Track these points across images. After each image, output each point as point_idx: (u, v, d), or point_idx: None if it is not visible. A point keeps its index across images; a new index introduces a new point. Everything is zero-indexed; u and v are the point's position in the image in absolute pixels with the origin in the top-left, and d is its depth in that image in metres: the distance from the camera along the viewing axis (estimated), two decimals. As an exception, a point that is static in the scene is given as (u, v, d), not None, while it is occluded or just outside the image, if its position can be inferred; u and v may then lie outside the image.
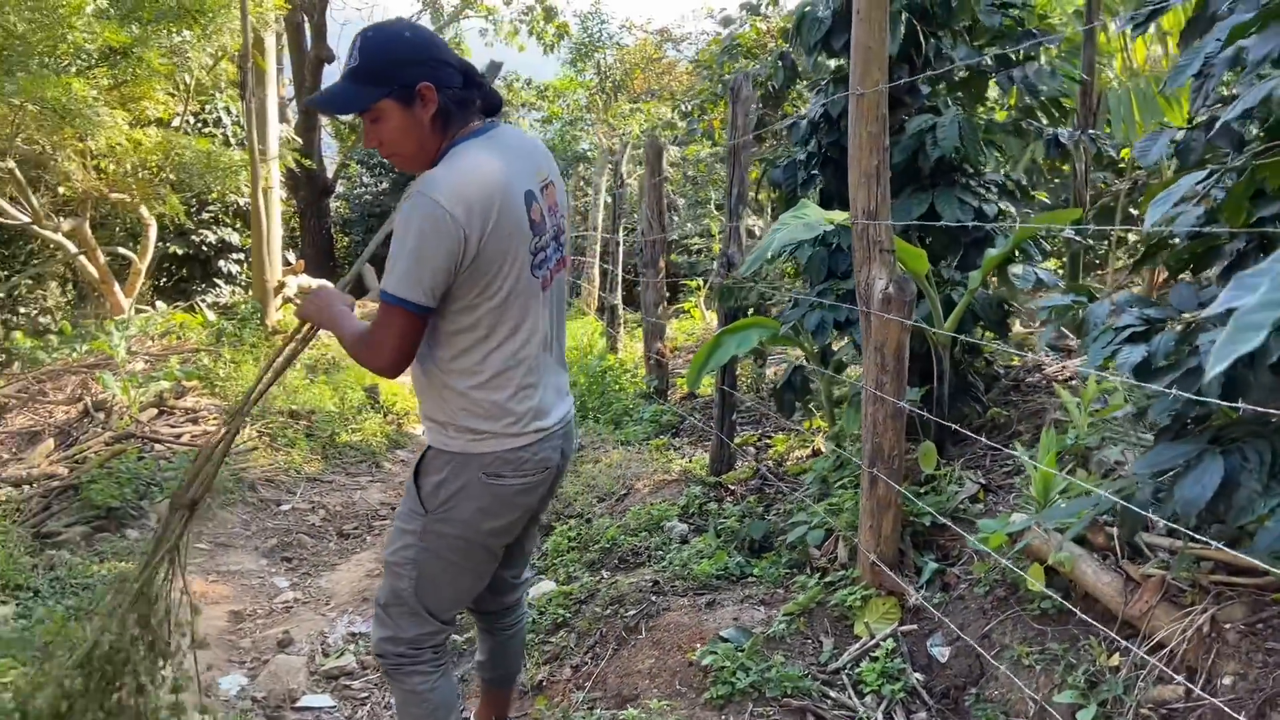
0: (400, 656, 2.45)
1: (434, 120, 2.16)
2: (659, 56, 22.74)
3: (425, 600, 2.40)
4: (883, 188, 2.98)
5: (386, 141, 2.19)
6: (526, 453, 2.28)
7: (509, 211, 2.13)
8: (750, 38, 7.46)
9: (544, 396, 2.31)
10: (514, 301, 2.19)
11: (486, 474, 2.26)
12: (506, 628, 2.80)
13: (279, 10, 9.91)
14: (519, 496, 2.32)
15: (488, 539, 2.36)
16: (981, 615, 2.89)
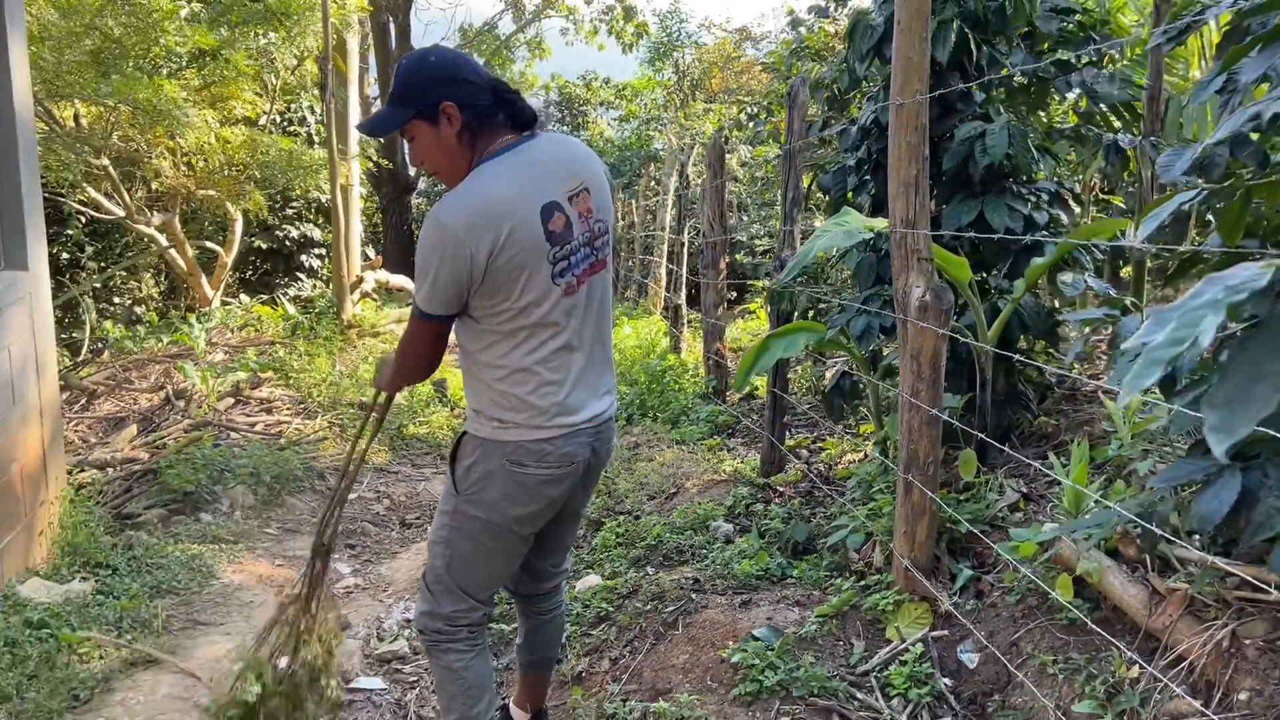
0: (437, 632, 2.61)
1: (460, 136, 2.30)
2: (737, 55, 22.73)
3: (458, 578, 2.56)
4: (921, 197, 3.00)
5: (423, 158, 2.36)
6: (550, 445, 2.40)
7: (521, 230, 2.23)
8: (818, 40, 7.46)
9: (573, 394, 2.41)
10: (532, 311, 2.30)
11: (510, 461, 2.40)
12: (543, 613, 2.92)
13: (360, 12, 10.22)
14: (542, 487, 2.43)
15: (513, 524, 2.49)
16: (1011, 623, 2.90)
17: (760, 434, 5.47)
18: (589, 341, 2.46)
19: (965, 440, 3.61)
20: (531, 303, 2.29)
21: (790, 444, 5.07)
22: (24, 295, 4.26)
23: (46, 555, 4.44)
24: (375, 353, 8.85)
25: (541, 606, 2.90)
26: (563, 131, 22.71)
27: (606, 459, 2.64)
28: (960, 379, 3.81)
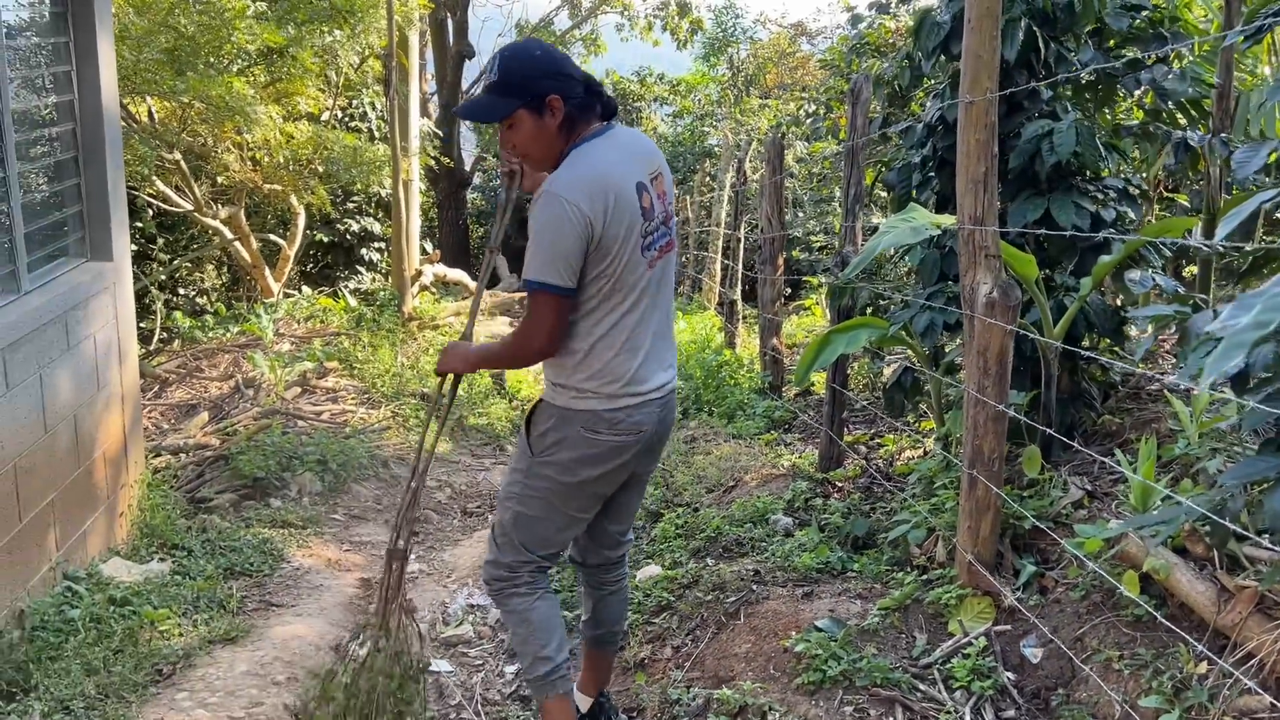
0: (500, 580, 2.79)
1: (560, 127, 2.49)
2: (792, 51, 22.63)
3: (522, 534, 2.73)
4: (989, 194, 3.02)
5: (519, 145, 2.53)
6: (622, 414, 2.57)
7: (624, 199, 2.44)
8: (878, 36, 7.44)
9: (644, 365, 2.59)
10: (626, 278, 2.49)
11: (585, 428, 2.57)
12: (610, 584, 3.02)
13: (423, 9, 10.37)
14: (613, 453, 2.61)
15: (583, 485, 2.65)
16: (1076, 619, 2.91)
17: (817, 429, 5.50)
18: (659, 315, 2.64)
19: (1029, 437, 3.62)
20: (626, 269, 2.48)
21: (848, 440, 5.09)
22: (108, 285, 4.43)
23: (126, 536, 4.62)
24: (436, 345, 9.00)
25: (608, 577, 3.02)
26: (618, 127, 22.77)
27: (670, 428, 2.81)
28: (1024, 376, 3.81)
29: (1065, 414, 3.87)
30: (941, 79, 4.49)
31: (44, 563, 3.81)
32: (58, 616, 3.66)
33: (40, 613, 3.61)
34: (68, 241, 4.31)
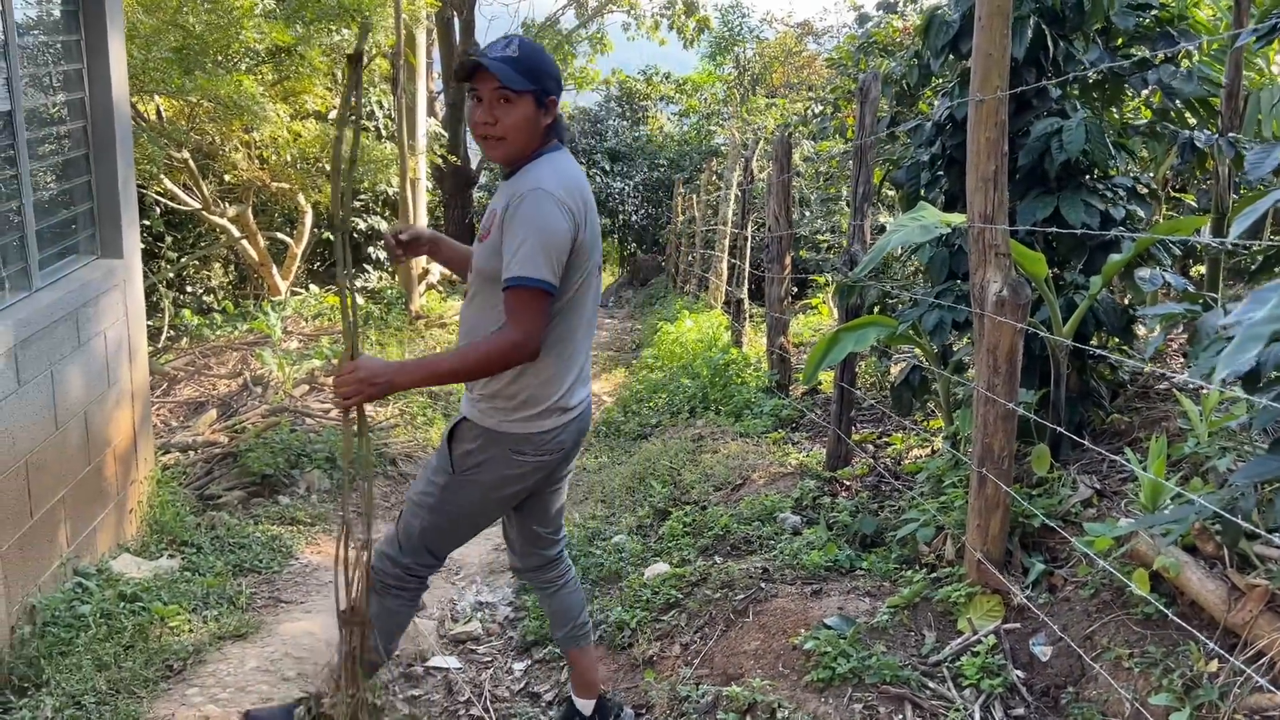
0: (391, 577, 2.81)
1: (545, 128, 2.55)
2: (799, 50, 22.64)
3: (429, 540, 2.77)
4: (1000, 192, 3.02)
5: (507, 126, 2.51)
6: (548, 435, 2.63)
7: (591, 211, 2.53)
8: (885, 35, 7.44)
9: (576, 380, 2.67)
10: (587, 286, 2.56)
11: (512, 450, 2.61)
12: (557, 580, 3.07)
13: (430, 8, 10.39)
14: (535, 472, 2.68)
15: (501, 502, 2.74)
16: (1085, 617, 2.92)
17: (825, 428, 5.50)
18: (588, 330, 2.70)
19: (1038, 435, 3.62)
20: (589, 279, 2.56)
21: (856, 438, 5.10)
22: (119, 282, 4.44)
23: (136, 532, 4.63)
24: (443, 343, 9.01)
25: (552, 575, 3.06)
26: (623, 126, 22.85)
27: (584, 437, 2.86)
28: (1033, 375, 3.81)
29: (1074, 412, 3.87)
30: (950, 77, 4.49)
31: (55, 559, 3.83)
32: (69, 612, 3.67)
33: (51, 608, 3.63)
34: (78, 239, 4.32)
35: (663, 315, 12.02)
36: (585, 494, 5.74)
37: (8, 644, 3.40)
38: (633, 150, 22.09)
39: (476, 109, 2.52)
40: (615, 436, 7.23)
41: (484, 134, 2.52)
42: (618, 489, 5.55)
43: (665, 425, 6.97)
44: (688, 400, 7.18)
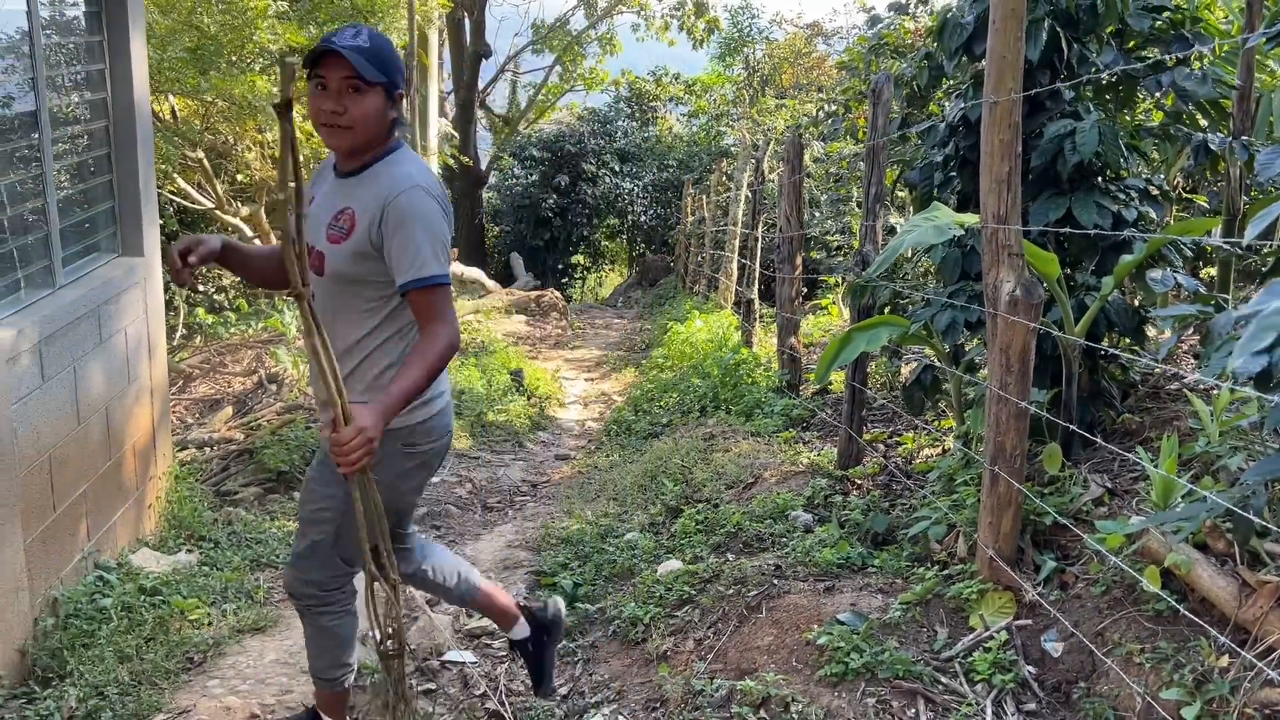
0: (311, 598, 2.78)
1: (390, 123, 2.52)
2: (808, 51, 22.65)
3: (341, 551, 2.71)
4: (1013, 193, 3.05)
5: (356, 115, 2.43)
6: (433, 422, 2.63)
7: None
8: (896, 37, 7.46)
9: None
10: None
11: (404, 445, 2.58)
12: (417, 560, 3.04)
13: (443, 8, 10.44)
14: (433, 458, 2.70)
15: (404, 499, 2.73)
16: (1097, 614, 2.95)
17: (836, 427, 5.53)
18: None
19: (1050, 434, 3.65)
20: None
21: (867, 437, 5.13)
22: (139, 280, 4.50)
23: (154, 527, 4.69)
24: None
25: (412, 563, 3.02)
26: (632, 126, 22.90)
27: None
28: (1045, 374, 3.84)
29: (1086, 412, 3.90)
30: (963, 79, 4.52)
31: (76, 552, 3.88)
32: (90, 605, 3.72)
33: (73, 601, 3.68)
34: (100, 237, 4.38)
35: (672, 315, 12.06)
36: (597, 491, 5.78)
37: (31, 636, 3.45)
38: (642, 151, 22.14)
39: (321, 97, 2.41)
40: (626, 435, 7.27)
41: (330, 122, 2.42)
42: (629, 487, 5.58)
43: (676, 424, 7.01)
44: (698, 399, 7.22)
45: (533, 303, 13.89)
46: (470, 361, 8.73)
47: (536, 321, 13.18)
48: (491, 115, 24.04)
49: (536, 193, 20.69)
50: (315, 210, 2.58)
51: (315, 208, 2.59)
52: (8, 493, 3.28)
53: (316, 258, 2.53)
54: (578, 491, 5.94)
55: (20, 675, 3.36)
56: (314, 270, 2.52)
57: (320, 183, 2.67)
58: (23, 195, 3.67)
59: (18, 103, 3.71)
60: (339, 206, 2.53)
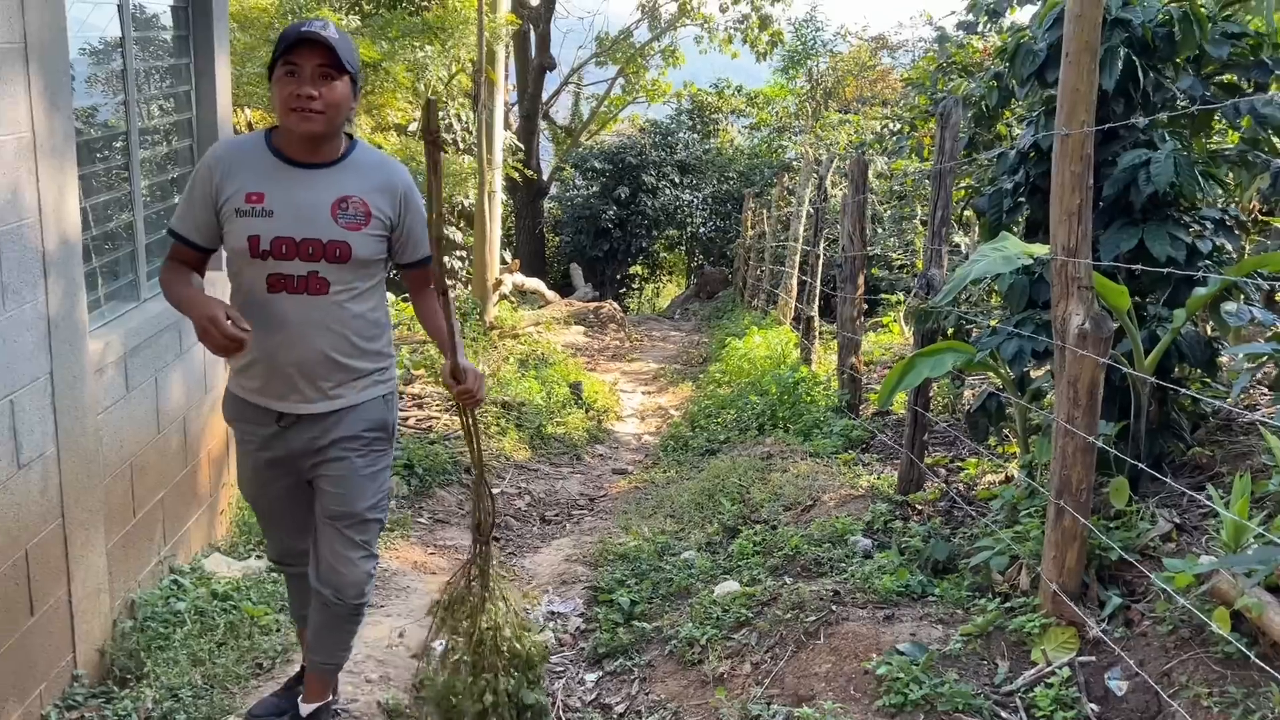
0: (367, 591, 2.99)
1: (350, 111, 2.68)
2: (873, 64, 22.52)
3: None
4: (1084, 226, 3.03)
5: (326, 101, 2.56)
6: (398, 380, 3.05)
7: None
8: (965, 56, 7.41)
9: None
10: None
11: (397, 406, 2.97)
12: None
13: (511, 25, 10.60)
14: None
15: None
16: (1163, 653, 2.91)
17: (896, 450, 5.51)
18: None
19: (1117, 468, 3.60)
20: None
21: (928, 462, 5.10)
22: (218, 293, 4.63)
23: (225, 533, 4.82)
24: (515, 353, 9.17)
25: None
26: (693, 138, 22.96)
27: None
28: (1112, 406, 3.79)
29: (1154, 445, 3.84)
30: (1034, 104, 4.49)
31: (153, 556, 4.01)
32: (165, 608, 3.84)
33: (150, 604, 3.81)
34: (181, 251, 4.52)
35: (730, 330, 12.06)
36: (654, 508, 5.81)
37: (110, 637, 3.58)
38: (702, 163, 22.18)
39: (292, 82, 2.52)
40: (683, 451, 7.30)
41: (303, 107, 2.53)
42: (687, 504, 5.61)
43: (734, 441, 7.02)
44: (756, 417, 7.22)
45: (591, 314, 13.99)
46: (530, 373, 8.83)
47: (595, 333, 13.27)
48: (554, 127, 24.27)
49: (597, 204, 20.83)
50: (291, 202, 2.63)
51: (286, 200, 2.63)
52: (93, 499, 3.41)
53: (336, 246, 2.66)
54: (635, 507, 5.97)
55: (100, 674, 3.49)
56: (331, 260, 2.66)
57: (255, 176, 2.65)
58: (113, 212, 3.82)
59: (112, 124, 3.86)
60: (337, 195, 2.66)
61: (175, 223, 2.75)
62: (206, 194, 2.66)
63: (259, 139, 2.73)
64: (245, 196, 2.63)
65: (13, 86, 2.87)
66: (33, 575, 3.05)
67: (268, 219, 2.62)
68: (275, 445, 2.83)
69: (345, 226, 2.66)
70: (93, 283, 3.63)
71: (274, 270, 2.65)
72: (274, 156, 2.68)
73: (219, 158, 2.69)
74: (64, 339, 3.18)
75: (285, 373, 2.71)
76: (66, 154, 3.18)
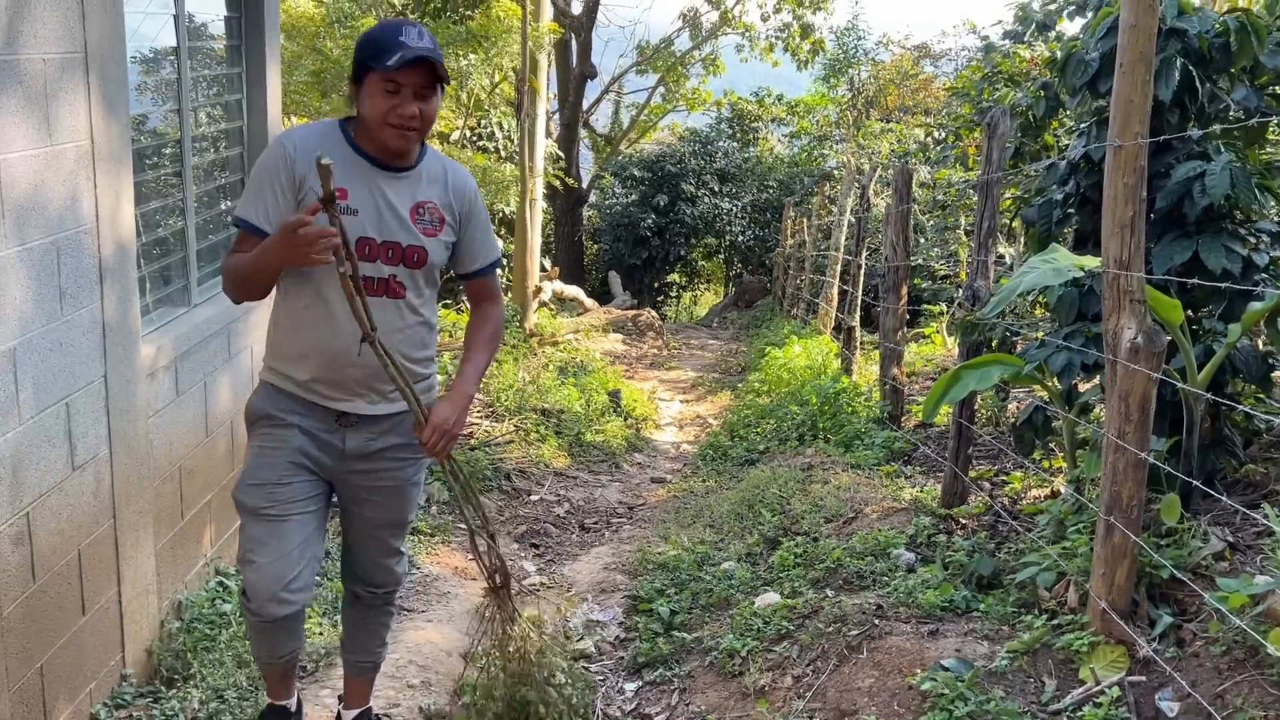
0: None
1: None
2: (915, 72, 22.38)
3: None
4: (1136, 238, 2.99)
5: (426, 119, 2.54)
6: None
7: None
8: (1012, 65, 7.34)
9: None
10: None
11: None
12: None
13: (554, 33, 10.66)
14: None
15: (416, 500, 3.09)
16: (1216, 675, 2.85)
17: (939, 462, 5.45)
18: None
19: (1168, 484, 3.54)
20: None
21: (973, 475, 5.04)
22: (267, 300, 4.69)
23: (270, 536, 4.87)
24: (554, 360, 9.20)
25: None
26: (733, 147, 22.93)
27: None
28: (1164, 420, 3.73)
29: (1206, 462, 3.77)
30: (1084, 114, 4.43)
31: (200, 559, 4.07)
32: (211, 610, 3.90)
33: (197, 605, 3.86)
34: (230, 257, 4.59)
35: (770, 339, 12.01)
36: (694, 517, 5.80)
37: (157, 637, 3.63)
38: (742, 171, 22.15)
39: (392, 98, 2.46)
40: (722, 461, 7.28)
41: (412, 127, 2.49)
42: (726, 515, 5.59)
43: (773, 452, 6.99)
44: (796, 428, 7.18)
45: (629, 321, 14.01)
46: (569, 381, 8.85)
47: (633, 340, 13.28)
48: (594, 134, 24.35)
49: (635, 212, 20.86)
50: (374, 202, 2.57)
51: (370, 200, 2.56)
52: (143, 501, 3.47)
53: (414, 251, 2.63)
54: (674, 516, 5.96)
55: (147, 674, 3.55)
56: (409, 265, 2.63)
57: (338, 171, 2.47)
58: (165, 219, 3.88)
59: (164, 132, 3.93)
60: (415, 201, 2.63)
61: (244, 211, 2.57)
62: (288, 182, 2.52)
63: (335, 132, 2.63)
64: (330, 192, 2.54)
65: (73, 95, 2.93)
66: (85, 575, 3.11)
67: (352, 217, 2.53)
68: (326, 445, 2.71)
69: (423, 232, 2.64)
70: (145, 288, 3.69)
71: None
72: (355, 153, 2.58)
73: (298, 147, 2.56)
74: (118, 343, 3.24)
75: (352, 373, 2.63)
76: (123, 161, 3.24)
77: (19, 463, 2.74)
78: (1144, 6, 2.93)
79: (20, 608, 2.77)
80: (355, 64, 2.53)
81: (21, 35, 2.67)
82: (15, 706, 2.76)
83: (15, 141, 2.66)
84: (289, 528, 2.68)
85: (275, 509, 2.67)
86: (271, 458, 2.69)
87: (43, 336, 2.82)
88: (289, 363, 2.69)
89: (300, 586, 2.69)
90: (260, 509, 2.67)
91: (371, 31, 2.55)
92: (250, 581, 2.67)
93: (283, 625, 2.72)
